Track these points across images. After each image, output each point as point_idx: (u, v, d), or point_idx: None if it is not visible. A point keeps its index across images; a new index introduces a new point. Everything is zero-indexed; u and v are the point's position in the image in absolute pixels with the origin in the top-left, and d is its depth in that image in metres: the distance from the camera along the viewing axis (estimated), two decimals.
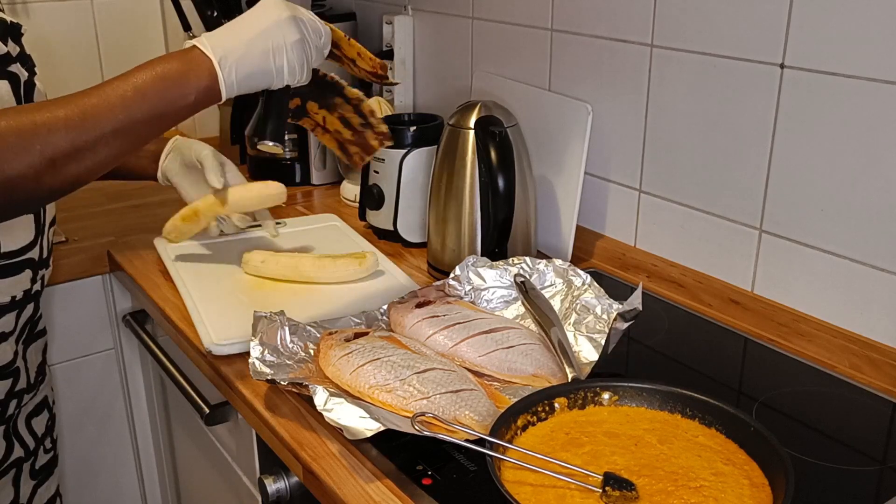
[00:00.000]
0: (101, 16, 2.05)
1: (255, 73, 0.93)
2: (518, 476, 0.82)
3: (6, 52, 1.01)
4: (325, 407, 0.91)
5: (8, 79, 1.00)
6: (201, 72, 0.90)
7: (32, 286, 1.12)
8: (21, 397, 1.17)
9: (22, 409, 1.18)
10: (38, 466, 1.24)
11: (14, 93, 1.01)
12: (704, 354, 1.16)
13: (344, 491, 0.88)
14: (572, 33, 1.46)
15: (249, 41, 0.92)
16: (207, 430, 1.35)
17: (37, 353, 1.22)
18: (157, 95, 0.89)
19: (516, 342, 1.05)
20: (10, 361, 1.13)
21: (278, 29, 0.93)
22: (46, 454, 1.26)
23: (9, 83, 1.00)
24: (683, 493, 0.79)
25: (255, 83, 0.94)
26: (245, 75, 0.92)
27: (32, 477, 1.23)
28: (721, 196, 1.29)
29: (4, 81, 1.00)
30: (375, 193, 1.49)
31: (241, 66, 0.92)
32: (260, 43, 0.92)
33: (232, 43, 0.91)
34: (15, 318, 1.11)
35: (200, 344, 1.16)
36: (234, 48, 0.91)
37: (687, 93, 1.30)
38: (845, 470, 0.90)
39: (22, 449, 1.19)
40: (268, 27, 0.93)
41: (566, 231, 1.39)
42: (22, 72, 1.04)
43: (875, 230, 1.10)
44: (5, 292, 1.07)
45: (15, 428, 1.18)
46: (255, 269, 1.34)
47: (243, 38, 0.92)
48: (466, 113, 1.29)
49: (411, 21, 1.82)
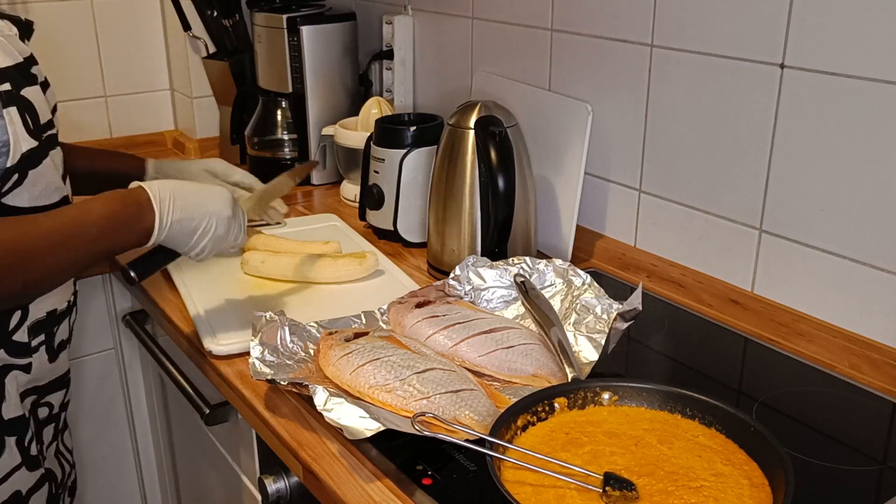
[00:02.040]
0: (101, 16, 2.05)
1: (177, 238, 1.02)
2: (518, 476, 0.82)
3: (30, 54, 1.02)
4: (325, 407, 0.91)
5: (36, 81, 1.01)
6: (146, 219, 0.99)
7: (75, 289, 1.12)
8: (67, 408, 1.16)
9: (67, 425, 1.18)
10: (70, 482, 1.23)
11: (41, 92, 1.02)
12: (704, 354, 1.16)
13: (344, 491, 0.88)
14: (572, 33, 1.46)
15: (189, 214, 1.01)
16: (207, 430, 1.35)
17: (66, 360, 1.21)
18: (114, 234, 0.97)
19: (516, 342, 1.05)
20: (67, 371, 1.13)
21: (216, 220, 1.03)
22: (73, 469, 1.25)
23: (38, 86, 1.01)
24: (683, 493, 0.79)
25: (174, 244, 1.03)
26: (169, 235, 1.01)
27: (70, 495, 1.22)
28: (721, 196, 1.29)
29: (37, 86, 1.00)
30: (375, 193, 1.49)
31: (171, 228, 1.00)
32: (195, 221, 1.02)
33: (175, 206, 1.00)
34: (69, 327, 1.11)
35: (201, 344, 1.16)
36: (175, 211, 1.00)
37: (687, 93, 1.30)
38: (845, 470, 0.90)
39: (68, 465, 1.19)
40: (210, 212, 1.03)
41: (566, 231, 1.39)
42: (40, 72, 1.04)
43: (875, 230, 1.10)
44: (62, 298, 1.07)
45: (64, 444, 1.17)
46: (254, 269, 1.34)
47: (185, 208, 1.01)
48: (466, 113, 1.29)
49: (411, 21, 1.82)
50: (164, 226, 0.99)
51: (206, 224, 1.02)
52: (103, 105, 2.10)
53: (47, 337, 1.06)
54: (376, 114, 1.68)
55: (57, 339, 1.08)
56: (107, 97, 2.10)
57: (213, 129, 2.11)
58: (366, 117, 1.70)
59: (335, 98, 1.84)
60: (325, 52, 1.80)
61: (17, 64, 0.97)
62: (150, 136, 2.18)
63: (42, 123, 0.99)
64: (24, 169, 0.95)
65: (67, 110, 2.02)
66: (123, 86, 2.12)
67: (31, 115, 0.96)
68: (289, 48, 1.78)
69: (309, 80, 1.79)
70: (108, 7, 2.05)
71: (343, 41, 1.83)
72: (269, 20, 1.79)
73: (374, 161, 1.50)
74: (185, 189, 1.03)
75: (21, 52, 0.99)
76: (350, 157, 1.69)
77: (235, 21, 1.95)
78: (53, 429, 1.13)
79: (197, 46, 1.97)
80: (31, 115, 0.96)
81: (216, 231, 1.03)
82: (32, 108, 0.97)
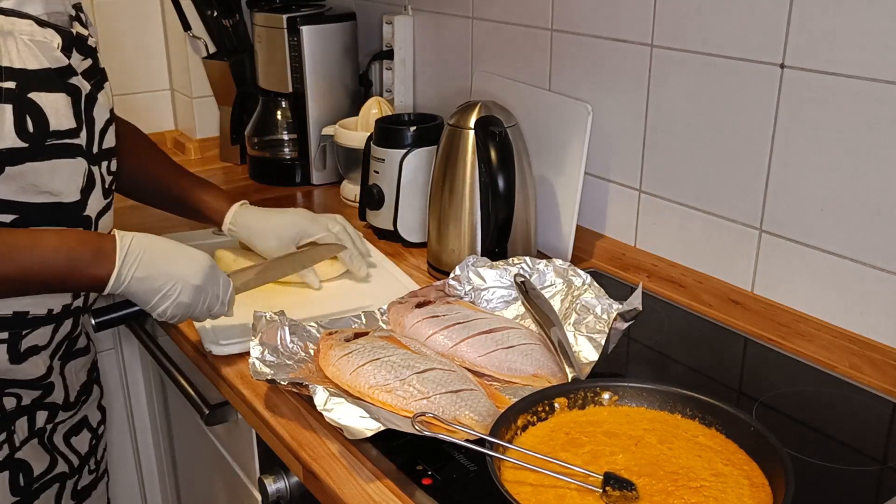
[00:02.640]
0: (101, 16, 2.05)
1: (137, 295, 1.02)
2: (518, 476, 0.82)
3: (67, 64, 1.01)
4: (325, 407, 0.91)
5: (66, 91, 1.00)
6: (103, 267, 0.99)
7: (73, 301, 1.10)
8: (55, 412, 1.15)
9: (58, 426, 1.16)
10: (80, 487, 1.22)
11: (73, 104, 1.01)
12: (704, 354, 1.16)
13: (344, 491, 0.88)
14: (572, 33, 1.46)
15: (153, 274, 1.01)
16: (207, 430, 1.35)
17: (78, 372, 1.20)
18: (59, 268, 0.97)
19: (516, 342, 1.05)
20: (43, 376, 1.11)
21: (181, 287, 1.02)
22: (90, 475, 1.24)
23: (68, 96, 1.00)
24: (684, 493, 0.79)
25: (136, 300, 1.03)
26: (129, 291, 1.01)
27: (73, 497, 1.21)
28: (721, 196, 1.29)
29: (62, 94, 1.00)
30: (375, 193, 1.49)
31: (132, 285, 1.00)
32: (159, 282, 1.01)
33: (141, 263, 1.00)
34: (51, 333, 1.10)
35: (201, 344, 1.16)
36: (139, 268, 1.00)
37: (687, 93, 1.30)
38: (845, 470, 0.90)
39: (66, 465, 1.18)
40: (176, 278, 1.02)
41: (566, 231, 1.39)
42: (84, 84, 1.04)
43: (875, 230, 1.10)
44: (42, 304, 1.06)
45: (52, 441, 1.16)
46: (226, 267, 1.32)
47: (151, 267, 1.01)
48: (466, 113, 1.29)
49: (411, 21, 1.82)
50: (122, 280, 0.99)
51: (170, 288, 1.02)
52: None
53: (11, 336, 1.04)
54: (376, 114, 1.68)
55: (27, 343, 1.07)
56: None
57: (213, 129, 2.11)
58: (366, 117, 1.70)
59: (335, 98, 1.84)
60: (325, 52, 1.80)
61: (42, 69, 0.97)
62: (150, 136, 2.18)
63: (52, 130, 0.98)
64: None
65: None
66: (123, 86, 2.11)
67: (35, 118, 0.96)
68: (289, 48, 1.78)
69: (309, 80, 1.79)
70: (108, 7, 2.05)
71: (343, 41, 1.83)
72: (269, 20, 1.79)
73: (374, 161, 1.50)
74: (160, 247, 1.03)
75: (54, 61, 0.99)
76: (350, 157, 1.69)
77: (235, 21, 1.95)
78: (27, 422, 1.11)
79: (197, 46, 1.97)
80: (34, 118, 0.96)
81: (179, 297, 1.02)
82: (40, 113, 0.97)
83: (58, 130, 0.99)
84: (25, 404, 1.10)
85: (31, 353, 1.08)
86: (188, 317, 1.06)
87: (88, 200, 1.06)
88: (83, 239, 1.00)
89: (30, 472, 1.12)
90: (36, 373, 1.10)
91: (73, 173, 1.03)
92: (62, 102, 1.00)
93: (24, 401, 1.10)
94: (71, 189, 1.03)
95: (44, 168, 0.99)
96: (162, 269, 1.02)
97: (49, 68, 0.98)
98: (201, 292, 1.04)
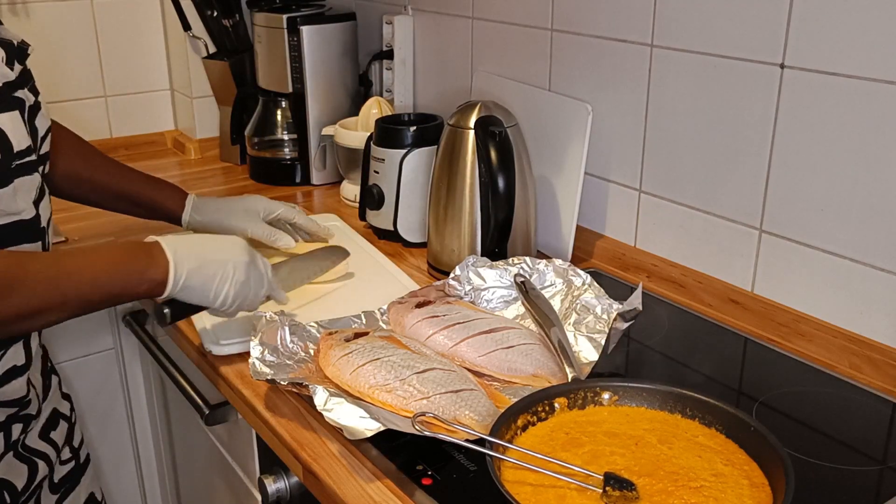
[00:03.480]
0: (101, 16, 2.05)
1: (196, 288, 1.02)
2: (518, 476, 0.82)
3: (14, 78, 0.99)
4: (325, 407, 0.91)
5: (17, 106, 0.99)
6: (159, 269, 0.99)
7: None
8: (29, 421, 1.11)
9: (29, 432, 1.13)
10: (56, 479, 1.19)
11: (22, 118, 0.99)
12: (704, 354, 1.16)
13: (344, 491, 0.88)
14: (572, 33, 1.46)
15: (205, 262, 1.02)
16: (207, 430, 1.35)
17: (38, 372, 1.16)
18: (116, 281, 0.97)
19: (516, 342, 1.05)
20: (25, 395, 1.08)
21: (233, 266, 1.04)
22: (63, 465, 1.21)
23: (19, 111, 0.99)
24: (684, 493, 0.79)
25: (193, 297, 1.02)
26: (188, 286, 1.01)
27: (53, 491, 1.18)
28: (721, 196, 1.29)
29: (16, 111, 0.98)
30: (375, 193, 1.49)
31: (189, 278, 1.01)
32: (212, 268, 1.02)
33: (190, 255, 1.01)
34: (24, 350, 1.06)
35: (201, 344, 1.16)
36: (190, 260, 1.01)
37: (687, 93, 1.30)
38: (845, 470, 0.90)
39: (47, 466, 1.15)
40: (226, 259, 1.03)
41: (566, 231, 1.39)
42: (28, 96, 1.02)
43: (875, 230, 1.10)
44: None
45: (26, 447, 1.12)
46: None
47: (201, 257, 1.02)
48: (466, 113, 1.29)
49: (411, 21, 1.82)
50: (179, 276, 0.99)
51: (225, 271, 1.03)
52: (103, 105, 2.10)
53: None
54: (376, 114, 1.68)
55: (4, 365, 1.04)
56: (107, 97, 2.10)
57: (213, 129, 2.11)
58: (366, 117, 1.70)
59: (335, 98, 1.84)
60: (325, 52, 1.80)
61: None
62: (150, 136, 2.18)
63: (16, 152, 0.96)
64: None
65: (67, 110, 2.02)
66: (123, 86, 2.12)
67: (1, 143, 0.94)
68: (289, 48, 1.78)
69: (309, 80, 1.79)
70: (108, 7, 2.05)
71: (343, 41, 1.83)
72: (269, 20, 1.79)
73: (374, 161, 1.50)
74: (198, 240, 1.04)
75: (2, 77, 0.97)
76: (350, 158, 1.69)
77: (235, 21, 1.95)
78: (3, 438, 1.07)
79: (197, 46, 1.97)
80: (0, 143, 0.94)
81: (235, 276, 1.03)
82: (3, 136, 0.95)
83: (20, 151, 0.97)
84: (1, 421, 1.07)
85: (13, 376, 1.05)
86: (246, 302, 1.06)
87: (40, 211, 1.04)
88: (129, 249, 1.01)
89: (14, 490, 1.09)
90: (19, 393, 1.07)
91: (29, 189, 1.01)
92: (17, 120, 0.98)
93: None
94: (28, 205, 1.01)
95: (8, 192, 0.97)
96: (210, 257, 1.02)
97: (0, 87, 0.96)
98: (252, 267, 1.06)
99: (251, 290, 1.06)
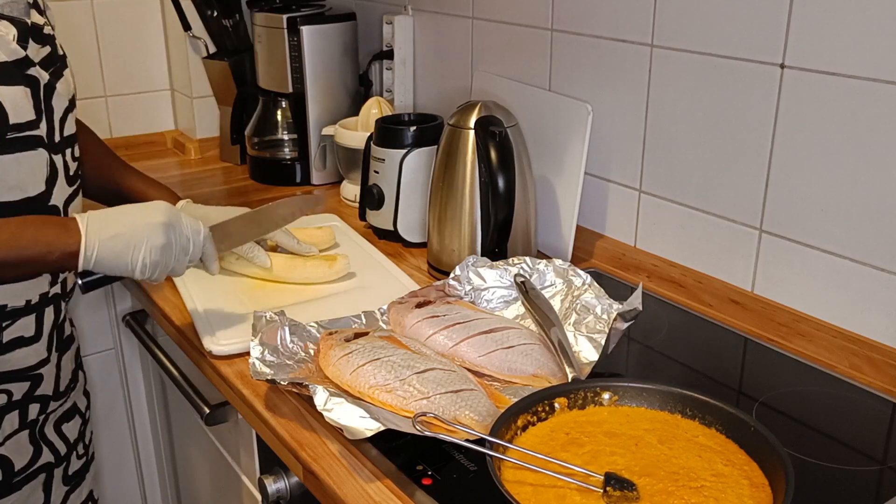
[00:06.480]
0: (101, 16, 2.05)
1: (110, 258, 1.01)
2: (518, 476, 0.82)
3: (24, 55, 1.01)
4: (325, 407, 0.91)
5: (25, 83, 1.01)
6: (70, 240, 0.99)
7: (50, 289, 1.11)
8: (46, 403, 1.15)
9: (49, 416, 1.17)
10: (70, 472, 1.22)
11: (33, 96, 1.02)
12: (704, 354, 1.16)
13: (344, 491, 0.88)
14: (572, 33, 1.46)
15: (119, 232, 1.01)
16: (207, 430, 1.35)
17: (70, 360, 1.20)
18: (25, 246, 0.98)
19: (516, 342, 1.05)
20: (35, 365, 1.11)
21: (146, 230, 1.02)
22: (79, 460, 1.24)
23: (27, 87, 1.01)
24: (684, 493, 0.79)
25: (110, 267, 1.02)
26: (101, 257, 1.01)
27: (65, 483, 1.21)
28: (721, 196, 1.29)
29: (21, 87, 1.00)
30: (375, 193, 1.49)
31: (102, 249, 1.00)
32: (126, 237, 1.01)
33: (104, 227, 1.01)
34: (35, 323, 1.10)
35: (201, 344, 1.16)
36: (102, 231, 1.00)
37: (687, 93, 1.30)
38: (845, 470, 0.90)
39: (52, 454, 1.18)
40: (138, 225, 1.02)
41: (566, 231, 1.39)
42: (42, 75, 1.04)
43: (875, 230, 1.10)
44: (20, 295, 1.06)
45: (42, 433, 1.16)
46: (228, 264, 1.33)
47: (115, 226, 1.01)
48: (466, 113, 1.29)
49: (411, 21, 1.82)
50: (92, 246, 0.99)
51: (139, 236, 1.01)
52: (103, 105, 2.10)
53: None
54: (376, 114, 1.68)
55: (10, 335, 1.07)
56: (107, 97, 2.10)
57: (213, 129, 2.11)
58: (366, 117, 1.70)
59: (335, 98, 1.84)
60: (325, 52, 1.80)
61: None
62: (150, 136, 2.18)
63: (12, 124, 0.99)
64: None
65: None
66: (123, 86, 2.12)
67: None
68: (289, 48, 1.78)
69: (309, 80, 1.79)
70: (108, 7, 2.05)
71: (343, 41, 1.83)
72: (269, 20, 1.79)
73: (374, 161, 1.50)
74: (116, 211, 1.04)
75: (11, 54, 0.99)
76: (350, 158, 1.69)
77: (235, 21, 1.95)
78: (19, 416, 1.11)
79: (197, 46, 1.97)
80: None
81: (150, 242, 1.02)
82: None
83: (17, 123, 1.00)
84: (17, 399, 1.10)
85: (17, 345, 1.08)
86: (169, 267, 1.05)
87: (53, 190, 1.07)
88: (46, 219, 1.01)
89: (10, 468, 1.12)
90: (26, 362, 1.10)
91: (34, 165, 1.03)
92: (20, 95, 1.00)
93: (15, 396, 1.10)
94: (35, 181, 1.04)
95: (8, 161, 0.99)
96: (125, 222, 1.02)
97: (6, 61, 0.98)
98: (171, 229, 1.04)
99: (172, 255, 1.04)
